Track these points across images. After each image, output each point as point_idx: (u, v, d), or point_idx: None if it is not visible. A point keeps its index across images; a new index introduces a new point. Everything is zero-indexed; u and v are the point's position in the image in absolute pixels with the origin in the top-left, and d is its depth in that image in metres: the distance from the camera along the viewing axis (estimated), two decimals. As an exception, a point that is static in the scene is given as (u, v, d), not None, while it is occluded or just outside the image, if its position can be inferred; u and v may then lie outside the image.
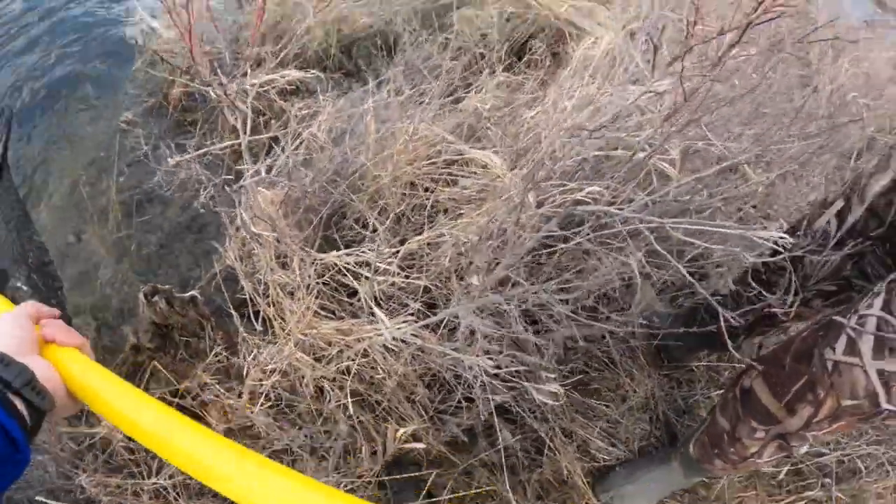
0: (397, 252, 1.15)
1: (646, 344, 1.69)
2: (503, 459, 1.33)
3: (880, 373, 0.92)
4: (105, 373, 0.64)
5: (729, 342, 1.11)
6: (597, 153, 1.16)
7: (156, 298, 1.22)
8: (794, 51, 2.74)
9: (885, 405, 0.93)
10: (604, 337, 1.49)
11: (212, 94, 1.90)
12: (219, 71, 1.91)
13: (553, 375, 1.31)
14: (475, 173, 1.28)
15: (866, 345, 0.93)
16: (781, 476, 1.57)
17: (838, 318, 0.99)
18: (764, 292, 1.19)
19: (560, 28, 2.31)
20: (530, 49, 1.98)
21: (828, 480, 1.58)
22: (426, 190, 1.24)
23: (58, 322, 0.70)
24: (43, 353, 0.65)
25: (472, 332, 0.98)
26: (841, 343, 0.97)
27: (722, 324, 1.09)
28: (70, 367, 0.64)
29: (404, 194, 1.21)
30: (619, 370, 1.61)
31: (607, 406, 1.61)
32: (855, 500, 1.57)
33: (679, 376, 1.75)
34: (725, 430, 1.20)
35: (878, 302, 0.94)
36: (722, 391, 1.59)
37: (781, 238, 0.91)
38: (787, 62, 2.42)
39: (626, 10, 2.38)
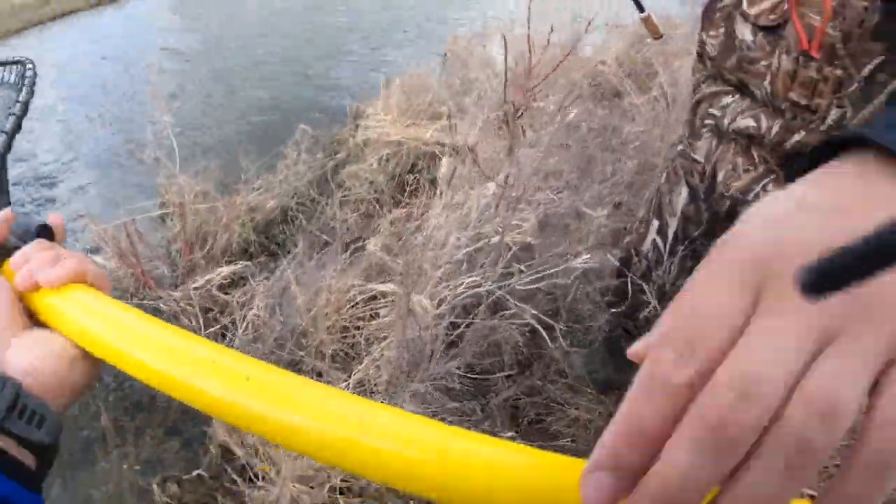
0: (348, 383, 1.45)
1: (583, 377, 1.96)
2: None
3: None
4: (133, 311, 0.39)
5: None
6: (466, 250, 1.52)
7: (167, 483, 1.47)
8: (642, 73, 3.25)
9: None
10: (539, 392, 1.77)
11: (162, 306, 2.22)
12: (165, 285, 2.23)
13: (510, 433, 1.59)
14: (392, 301, 1.61)
15: None
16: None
17: None
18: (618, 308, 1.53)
19: (432, 151, 2.73)
20: (407, 182, 2.38)
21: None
22: (357, 328, 1.55)
23: (37, 245, 0.41)
24: (34, 306, 0.40)
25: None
26: None
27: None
28: (76, 321, 0.38)
29: (341, 338, 1.52)
30: (567, 407, 1.87)
31: (573, 441, 1.86)
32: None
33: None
34: None
35: None
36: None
37: (586, 260, 1.26)
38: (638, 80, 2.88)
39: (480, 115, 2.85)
